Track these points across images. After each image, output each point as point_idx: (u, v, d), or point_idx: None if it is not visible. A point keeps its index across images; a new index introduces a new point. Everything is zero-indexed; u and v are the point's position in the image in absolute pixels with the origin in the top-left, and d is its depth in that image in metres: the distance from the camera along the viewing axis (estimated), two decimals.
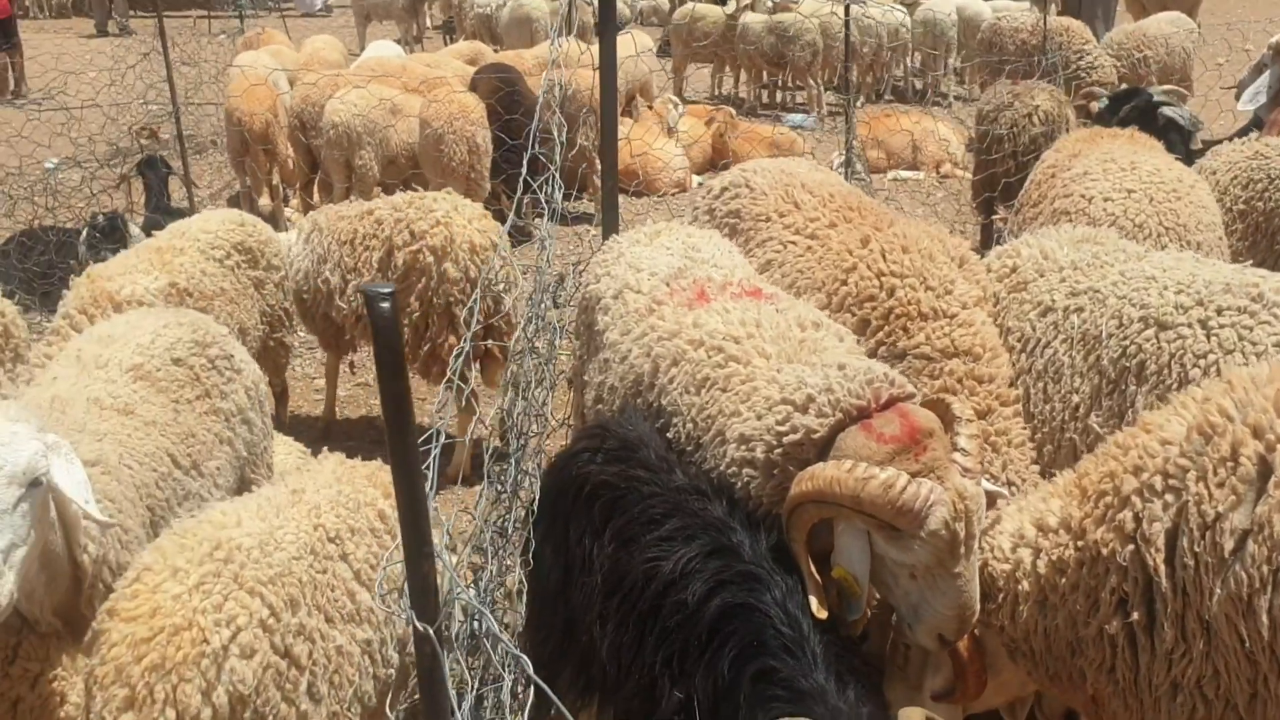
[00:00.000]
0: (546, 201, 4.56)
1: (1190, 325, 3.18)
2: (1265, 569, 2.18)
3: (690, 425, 2.98)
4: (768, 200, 4.17)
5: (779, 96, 15.43)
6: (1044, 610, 2.63)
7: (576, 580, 2.89)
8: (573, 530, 2.94)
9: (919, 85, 15.20)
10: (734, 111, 12.00)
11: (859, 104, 14.06)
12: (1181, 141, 5.74)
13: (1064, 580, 2.57)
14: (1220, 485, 2.27)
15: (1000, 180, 7.33)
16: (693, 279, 3.32)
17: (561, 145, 4.84)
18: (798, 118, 13.74)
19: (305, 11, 22.14)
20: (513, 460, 3.66)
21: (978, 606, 2.63)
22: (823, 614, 2.56)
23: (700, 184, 10.04)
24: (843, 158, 8.69)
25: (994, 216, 7.77)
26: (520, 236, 8.14)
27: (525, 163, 4.42)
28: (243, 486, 3.68)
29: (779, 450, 2.76)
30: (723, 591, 2.56)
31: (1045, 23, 10.66)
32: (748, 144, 10.60)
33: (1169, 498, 2.35)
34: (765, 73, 14.82)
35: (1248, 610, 2.20)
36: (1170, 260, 3.48)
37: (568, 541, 2.95)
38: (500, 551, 3.41)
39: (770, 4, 13.93)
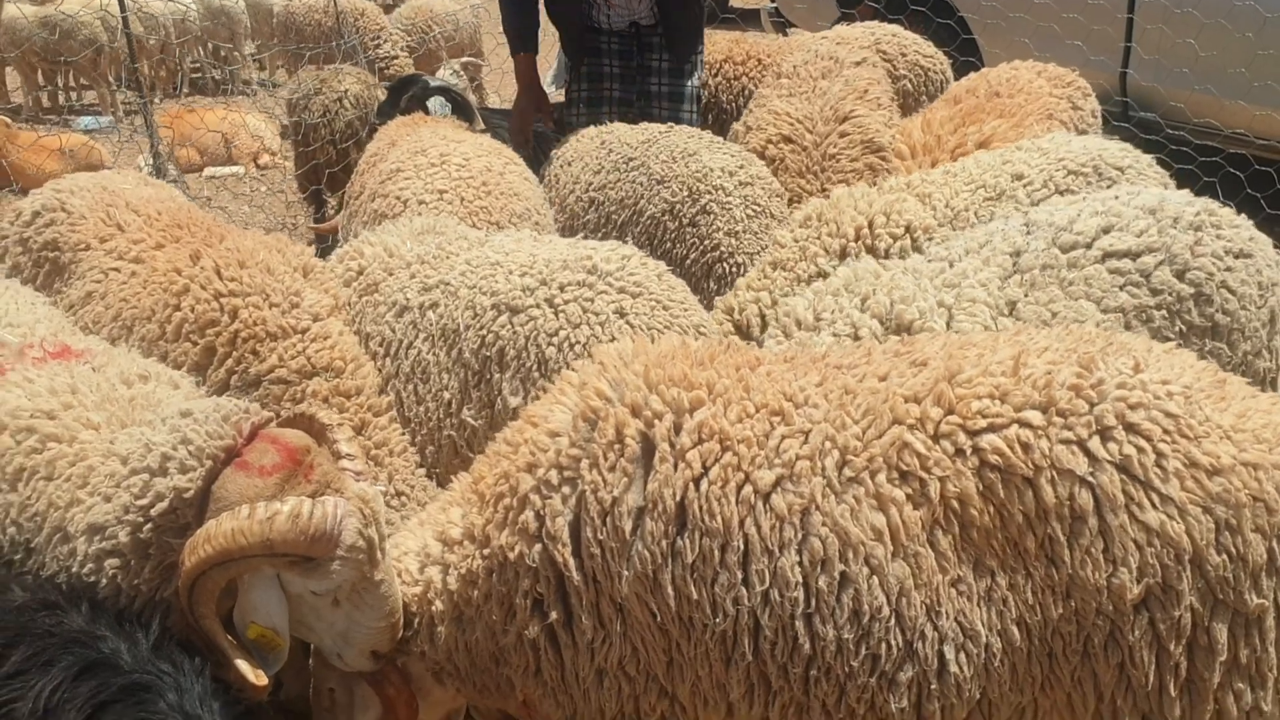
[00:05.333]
0: None
1: (539, 306, 3.24)
2: (664, 543, 2.23)
3: (14, 529, 2.44)
4: (87, 225, 3.64)
5: (61, 98, 13.85)
6: (462, 626, 2.52)
7: None
8: None
9: (218, 76, 14.50)
10: (9, 120, 10.51)
11: (158, 100, 13.10)
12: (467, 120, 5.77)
13: (476, 592, 2.47)
14: (612, 469, 2.29)
15: (324, 170, 7.12)
16: None
17: None
18: (89, 120, 12.42)
19: None
20: None
21: (400, 606, 2.51)
22: (264, 680, 2.31)
23: None
24: (150, 162, 7.95)
25: (327, 206, 7.55)
26: None
27: None
28: None
29: (149, 527, 2.36)
30: (107, 715, 2.11)
31: (336, 4, 10.60)
32: (36, 157, 9.31)
33: (566, 490, 2.34)
34: (41, 73, 13.20)
35: (654, 586, 2.25)
36: (511, 243, 3.53)
37: None
38: None
39: None
